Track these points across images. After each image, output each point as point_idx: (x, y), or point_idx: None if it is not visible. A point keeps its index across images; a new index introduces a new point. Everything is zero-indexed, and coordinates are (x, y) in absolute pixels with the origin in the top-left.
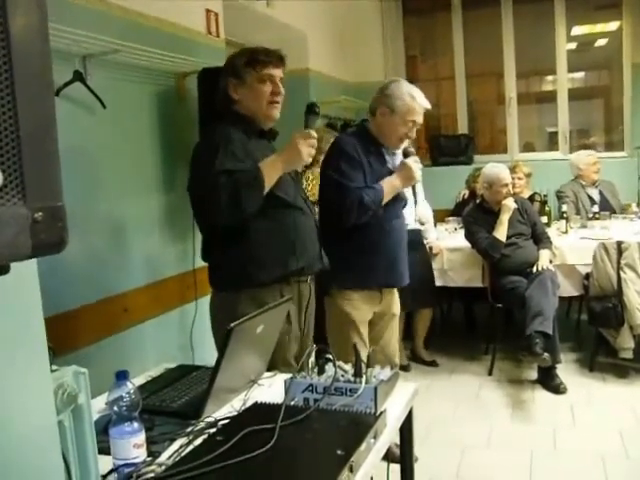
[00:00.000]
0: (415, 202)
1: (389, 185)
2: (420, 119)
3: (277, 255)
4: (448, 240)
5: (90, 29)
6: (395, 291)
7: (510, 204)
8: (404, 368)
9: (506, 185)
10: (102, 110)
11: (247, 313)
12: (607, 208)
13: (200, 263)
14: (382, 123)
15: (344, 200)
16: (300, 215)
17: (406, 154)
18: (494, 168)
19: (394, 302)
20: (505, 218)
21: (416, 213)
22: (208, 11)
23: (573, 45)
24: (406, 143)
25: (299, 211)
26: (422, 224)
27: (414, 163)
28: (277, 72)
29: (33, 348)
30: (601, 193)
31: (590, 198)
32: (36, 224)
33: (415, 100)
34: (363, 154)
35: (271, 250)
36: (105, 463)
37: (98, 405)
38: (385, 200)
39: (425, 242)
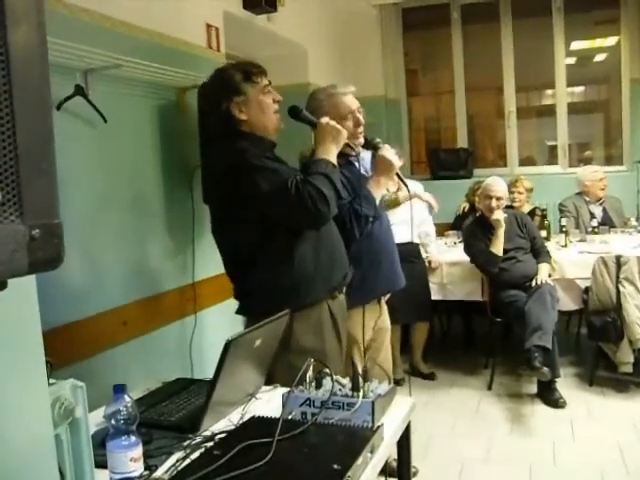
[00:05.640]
0: (411, 224)
1: (375, 184)
2: (354, 103)
3: (324, 268)
4: (447, 254)
5: (92, 44)
6: (384, 304)
7: (498, 217)
8: (397, 382)
9: (490, 197)
10: (103, 124)
11: (304, 336)
12: (609, 225)
13: (199, 276)
14: None
15: (342, 219)
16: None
17: (375, 147)
18: (491, 179)
19: (387, 315)
20: (500, 233)
21: (412, 233)
22: (209, 26)
23: (572, 60)
24: (361, 139)
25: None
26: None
27: (387, 152)
28: (267, 80)
29: (31, 362)
30: (605, 210)
31: (591, 214)
32: (33, 241)
33: (335, 94)
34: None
35: (320, 264)
36: (102, 477)
37: (96, 418)
38: (377, 198)
39: (425, 256)
